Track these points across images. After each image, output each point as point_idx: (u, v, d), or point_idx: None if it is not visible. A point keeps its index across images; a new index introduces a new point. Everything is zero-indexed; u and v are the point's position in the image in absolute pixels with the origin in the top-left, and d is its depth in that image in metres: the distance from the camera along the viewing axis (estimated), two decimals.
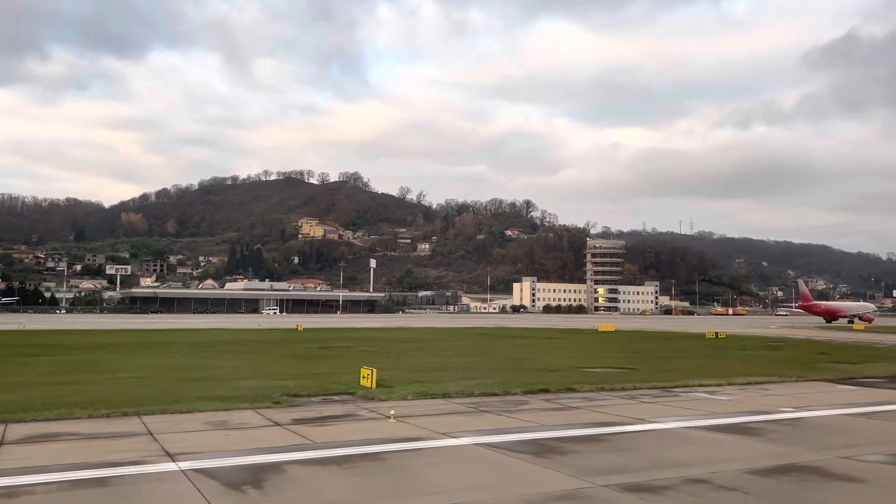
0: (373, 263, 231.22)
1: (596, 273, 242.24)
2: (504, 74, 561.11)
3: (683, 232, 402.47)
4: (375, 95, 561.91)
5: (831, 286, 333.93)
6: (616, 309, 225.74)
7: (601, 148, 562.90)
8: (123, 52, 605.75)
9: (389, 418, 13.33)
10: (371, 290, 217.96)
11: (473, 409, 15.01)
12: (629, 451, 10.81)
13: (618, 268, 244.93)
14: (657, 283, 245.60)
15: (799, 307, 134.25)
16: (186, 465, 9.34)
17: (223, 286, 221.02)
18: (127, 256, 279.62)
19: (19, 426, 12.09)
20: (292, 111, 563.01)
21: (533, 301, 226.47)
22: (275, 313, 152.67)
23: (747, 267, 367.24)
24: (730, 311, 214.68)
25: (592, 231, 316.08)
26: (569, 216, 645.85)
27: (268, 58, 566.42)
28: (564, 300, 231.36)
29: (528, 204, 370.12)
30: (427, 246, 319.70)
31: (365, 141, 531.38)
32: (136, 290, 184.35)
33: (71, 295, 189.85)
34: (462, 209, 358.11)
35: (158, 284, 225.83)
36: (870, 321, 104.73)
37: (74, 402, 14.34)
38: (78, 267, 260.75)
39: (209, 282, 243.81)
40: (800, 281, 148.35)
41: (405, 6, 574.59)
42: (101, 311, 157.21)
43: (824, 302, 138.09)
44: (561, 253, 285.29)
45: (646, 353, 33.67)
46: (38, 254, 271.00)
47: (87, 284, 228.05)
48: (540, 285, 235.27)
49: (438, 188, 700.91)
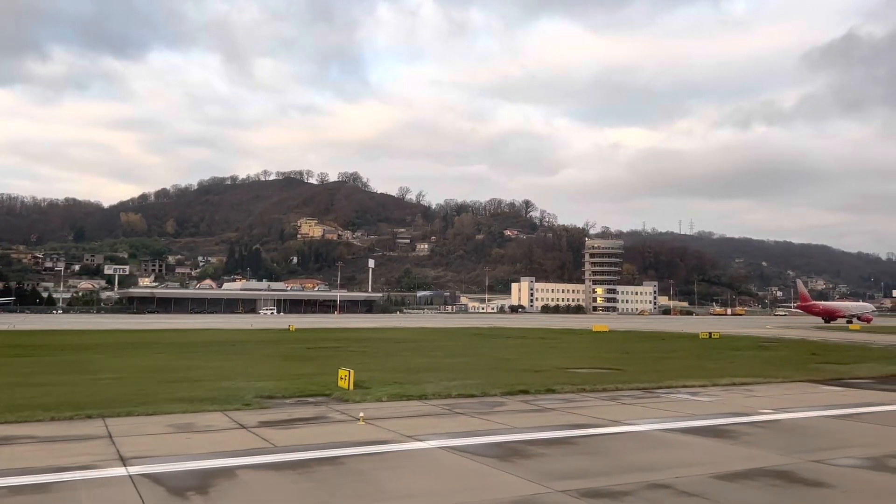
0: (371, 263, 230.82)
1: (594, 273, 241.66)
2: (504, 74, 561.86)
3: (683, 232, 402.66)
4: (375, 95, 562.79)
5: (831, 286, 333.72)
6: (614, 309, 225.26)
7: (601, 148, 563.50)
8: (123, 52, 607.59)
9: (359, 420, 13.10)
10: (369, 291, 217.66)
11: (448, 411, 14.78)
12: (596, 455, 10.57)
13: (616, 268, 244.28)
14: (656, 284, 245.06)
15: (797, 307, 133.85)
16: (136, 470, 9.10)
17: (221, 286, 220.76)
18: (125, 256, 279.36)
19: None
20: (292, 111, 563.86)
21: (531, 301, 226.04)
22: (272, 313, 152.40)
23: (747, 267, 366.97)
24: (728, 312, 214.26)
25: (592, 231, 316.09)
26: (568, 216, 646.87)
27: (268, 58, 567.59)
28: (563, 300, 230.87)
29: (528, 204, 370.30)
30: (426, 246, 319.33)
31: (365, 141, 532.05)
32: (133, 291, 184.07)
33: (68, 295, 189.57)
34: (461, 209, 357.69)
35: (157, 285, 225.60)
36: (868, 321, 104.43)
37: (41, 405, 14.10)
38: (76, 267, 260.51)
39: (207, 282, 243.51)
40: (798, 281, 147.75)
41: (405, 6, 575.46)
42: (98, 312, 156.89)
43: (823, 302, 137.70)
44: (560, 253, 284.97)
45: (636, 354, 33.44)
46: (37, 254, 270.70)
47: (86, 284, 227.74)
48: (538, 285, 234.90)
49: (438, 188, 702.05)
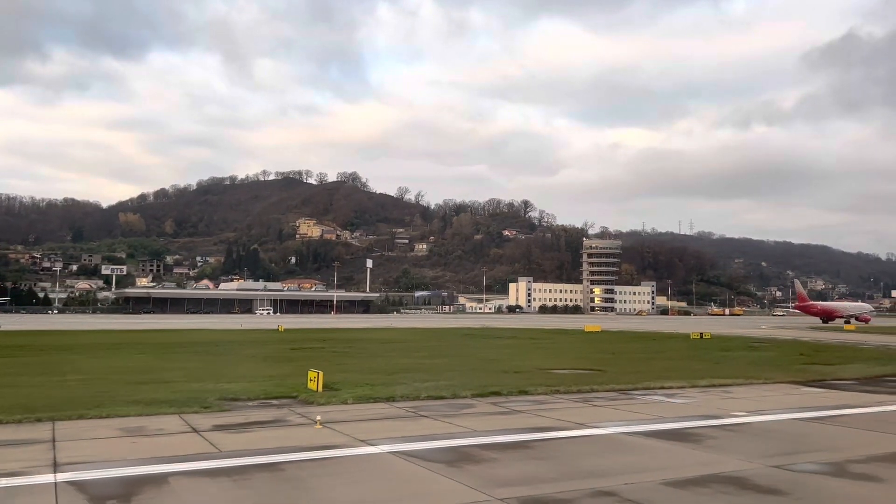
0: (369, 263, 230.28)
1: (592, 273, 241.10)
2: (504, 74, 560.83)
3: (683, 232, 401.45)
4: (375, 95, 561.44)
5: (830, 286, 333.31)
6: (612, 309, 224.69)
7: (601, 148, 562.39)
8: (123, 53, 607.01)
9: (316, 424, 12.78)
10: (367, 291, 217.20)
11: (412, 414, 14.48)
12: (550, 460, 10.24)
13: (614, 268, 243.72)
14: (654, 284, 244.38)
15: (795, 308, 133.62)
16: (64, 477, 8.77)
17: (219, 287, 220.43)
18: (123, 257, 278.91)
19: None
20: (292, 111, 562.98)
21: (529, 301, 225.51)
22: (268, 314, 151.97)
23: (746, 267, 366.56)
24: (726, 312, 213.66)
25: (591, 231, 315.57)
26: (568, 216, 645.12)
27: (268, 58, 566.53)
28: (561, 300, 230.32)
29: (527, 204, 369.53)
30: (424, 246, 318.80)
31: (364, 141, 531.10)
32: (129, 291, 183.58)
33: (64, 295, 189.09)
34: (460, 209, 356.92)
35: (154, 285, 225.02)
36: (866, 321, 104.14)
37: None
38: (74, 267, 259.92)
39: (204, 282, 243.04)
40: (796, 281, 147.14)
41: (405, 6, 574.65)
42: (94, 312, 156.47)
43: (821, 302, 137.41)
44: (558, 253, 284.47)
45: (623, 354, 33.14)
46: (35, 254, 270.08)
47: (83, 285, 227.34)
48: (536, 285, 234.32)
49: (438, 188, 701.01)
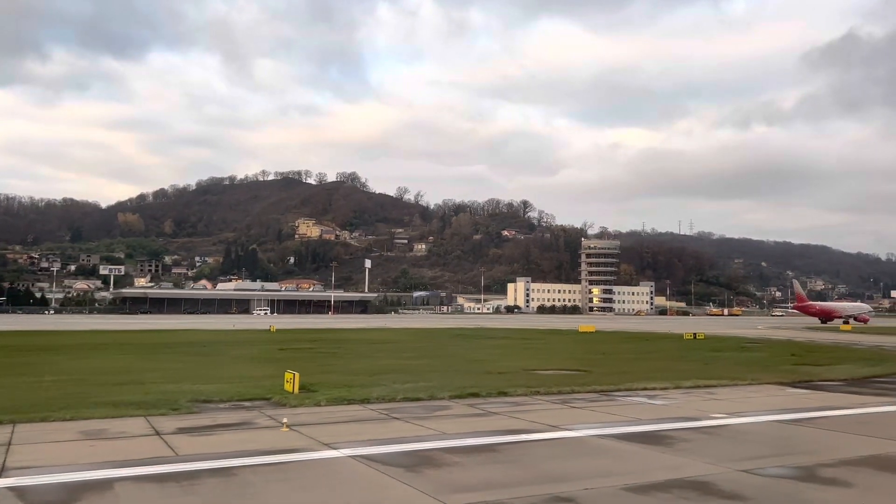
0: (367, 264, 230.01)
1: (590, 273, 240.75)
2: (503, 74, 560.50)
3: (683, 232, 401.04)
4: (375, 96, 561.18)
5: (830, 287, 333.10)
6: (611, 309, 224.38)
7: (601, 148, 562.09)
8: (123, 53, 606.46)
9: (282, 427, 12.53)
10: (366, 291, 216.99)
11: (385, 416, 14.22)
12: (514, 464, 9.98)
13: (613, 268, 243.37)
14: (652, 284, 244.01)
15: (794, 308, 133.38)
16: (7, 483, 8.52)
17: (217, 287, 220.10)
18: (122, 257, 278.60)
19: None
20: (292, 111, 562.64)
21: (527, 301, 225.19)
22: (265, 314, 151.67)
23: (746, 267, 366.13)
24: (725, 312, 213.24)
25: (590, 231, 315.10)
26: (568, 217, 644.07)
27: (268, 58, 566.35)
28: (559, 300, 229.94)
29: (526, 204, 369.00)
30: (423, 246, 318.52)
31: (364, 141, 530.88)
32: (126, 291, 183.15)
33: (61, 295, 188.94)
34: (459, 209, 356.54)
35: (152, 285, 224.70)
36: (865, 322, 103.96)
37: None
38: (72, 267, 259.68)
39: (202, 282, 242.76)
40: (794, 281, 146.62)
41: (405, 6, 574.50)
42: (91, 312, 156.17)
43: (819, 302, 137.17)
44: (557, 253, 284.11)
45: (612, 355, 32.89)
46: (33, 254, 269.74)
47: (81, 285, 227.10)
48: (534, 285, 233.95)
49: (438, 189, 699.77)
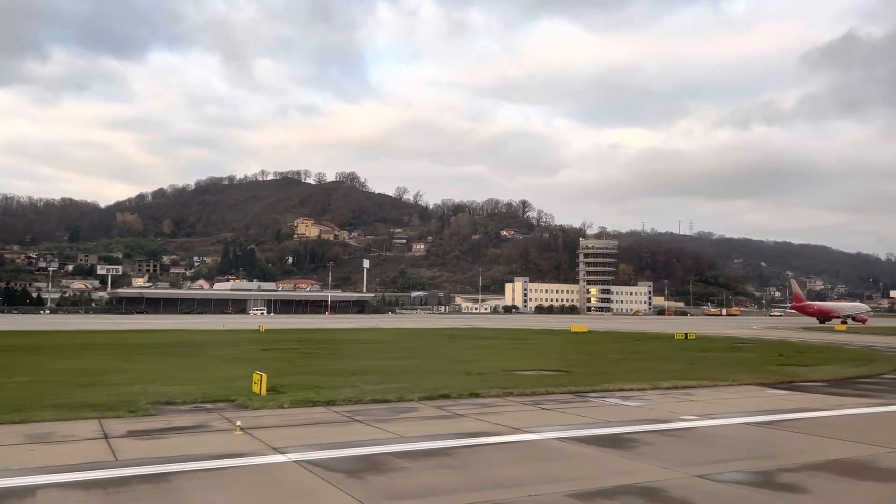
0: (366, 264, 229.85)
1: (588, 273, 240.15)
2: (503, 74, 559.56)
3: (683, 232, 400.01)
4: (375, 96, 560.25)
5: (829, 287, 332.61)
6: (609, 309, 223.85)
7: (601, 148, 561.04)
8: (123, 53, 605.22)
9: (235, 430, 12.19)
10: (364, 291, 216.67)
11: (347, 419, 13.89)
12: (462, 469, 9.65)
13: (611, 268, 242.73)
14: (650, 284, 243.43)
15: (792, 308, 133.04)
16: None
17: (214, 287, 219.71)
18: (120, 257, 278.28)
19: None
20: (292, 111, 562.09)
21: (525, 301, 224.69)
22: (262, 314, 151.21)
23: (746, 267, 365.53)
24: (723, 312, 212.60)
25: (589, 231, 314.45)
26: (567, 217, 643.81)
27: (267, 58, 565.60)
28: (557, 300, 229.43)
29: (525, 204, 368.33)
30: (422, 246, 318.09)
31: (364, 141, 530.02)
32: (123, 291, 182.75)
33: (58, 295, 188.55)
34: (458, 209, 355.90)
35: (149, 285, 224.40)
36: (863, 322, 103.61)
37: None
38: (70, 267, 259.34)
39: (199, 282, 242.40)
40: (793, 281, 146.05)
41: (405, 6, 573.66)
42: (87, 312, 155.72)
43: (817, 302, 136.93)
44: (556, 253, 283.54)
45: (599, 355, 32.58)
46: (31, 254, 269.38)
47: (79, 285, 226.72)
48: (532, 285, 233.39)
49: (437, 189, 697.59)
